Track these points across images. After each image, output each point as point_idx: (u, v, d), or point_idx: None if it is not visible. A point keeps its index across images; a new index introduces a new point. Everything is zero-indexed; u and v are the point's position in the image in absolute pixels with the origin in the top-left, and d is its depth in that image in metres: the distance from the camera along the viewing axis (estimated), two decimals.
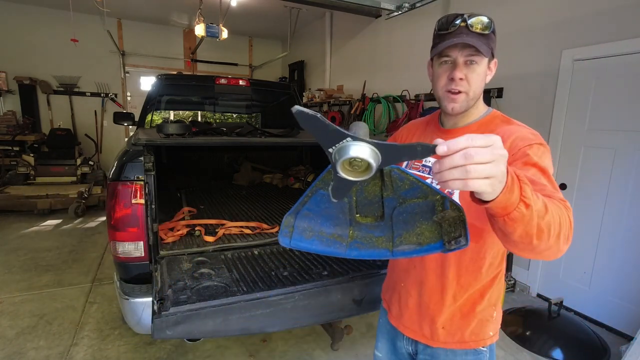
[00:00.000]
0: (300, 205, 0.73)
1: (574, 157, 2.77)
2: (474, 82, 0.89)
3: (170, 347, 2.24)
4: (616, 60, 2.49)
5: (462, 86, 0.89)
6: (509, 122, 0.94)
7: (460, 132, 0.91)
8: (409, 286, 1.03)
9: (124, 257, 1.59)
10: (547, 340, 2.35)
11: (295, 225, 0.76)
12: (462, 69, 0.88)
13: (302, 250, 0.83)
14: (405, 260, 1.03)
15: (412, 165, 1.03)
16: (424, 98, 3.91)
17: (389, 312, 1.11)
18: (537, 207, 0.61)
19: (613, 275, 2.57)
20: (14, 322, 2.45)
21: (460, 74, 0.88)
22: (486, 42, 0.87)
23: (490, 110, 0.98)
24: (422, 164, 1.00)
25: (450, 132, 0.97)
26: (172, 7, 6.00)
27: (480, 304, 0.98)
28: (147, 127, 3.56)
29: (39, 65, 6.19)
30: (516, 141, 0.84)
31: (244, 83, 3.74)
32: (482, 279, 0.96)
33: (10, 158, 5.61)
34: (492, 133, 0.74)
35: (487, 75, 0.92)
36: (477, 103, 0.95)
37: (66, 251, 3.68)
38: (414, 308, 1.02)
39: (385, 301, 1.15)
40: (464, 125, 0.96)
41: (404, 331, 1.05)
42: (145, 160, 1.55)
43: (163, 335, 1.22)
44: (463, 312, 0.97)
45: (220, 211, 2.59)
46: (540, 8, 2.95)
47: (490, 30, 0.87)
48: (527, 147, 0.83)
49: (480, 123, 0.95)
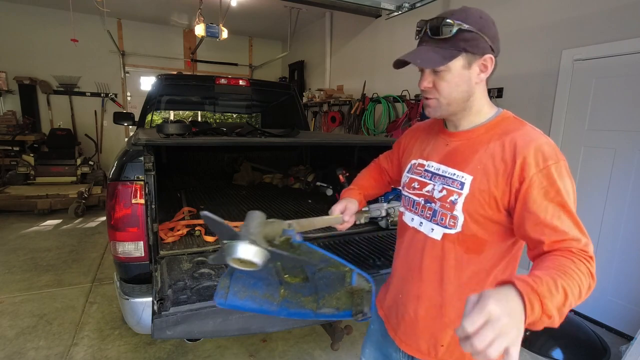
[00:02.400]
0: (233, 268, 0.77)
1: (574, 157, 2.77)
2: (443, 89, 0.86)
3: (170, 347, 2.24)
4: (616, 60, 2.49)
5: (431, 94, 0.88)
6: (521, 124, 0.87)
7: (466, 135, 0.91)
8: (406, 298, 0.98)
9: (124, 257, 1.59)
10: (547, 340, 2.35)
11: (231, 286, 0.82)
12: (428, 77, 0.87)
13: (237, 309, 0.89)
14: (405, 268, 0.99)
15: (415, 171, 0.99)
16: None
17: (387, 321, 1.06)
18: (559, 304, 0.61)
19: (613, 275, 2.57)
20: (14, 322, 2.45)
21: (425, 83, 0.88)
22: (450, 46, 0.83)
23: (500, 112, 0.92)
24: (425, 168, 0.96)
25: (454, 135, 0.94)
26: (172, 7, 6.00)
27: None
28: (147, 127, 3.56)
29: (39, 65, 6.19)
30: (537, 157, 0.76)
31: (244, 83, 3.75)
32: None
33: (10, 158, 5.62)
34: (502, 136, 0.84)
35: (479, 74, 0.86)
36: (472, 106, 0.89)
37: (66, 251, 3.68)
38: (410, 322, 0.97)
39: (382, 309, 1.10)
40: (469, 128, 0.91)
41: (400, 344, 1.00)
42: (145, 160, 1.55)
43: (163, 335, 1.22)
44: None
45: (220, 211, 2.59)
46: (540, 8, 2.95)
47: (453, 32, 0.82)
48: (547, 168, 0.75)
49: (488, 126, 0.89)
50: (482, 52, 0.84)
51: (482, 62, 0.85)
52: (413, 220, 0.97)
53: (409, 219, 0.99)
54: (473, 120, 0.91)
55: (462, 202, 0.84)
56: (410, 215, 0.98)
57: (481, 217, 0.84)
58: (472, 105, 0.89)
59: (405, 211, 1.02)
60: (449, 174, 0.89)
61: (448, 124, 0.97)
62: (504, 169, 0.80)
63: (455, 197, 0.86)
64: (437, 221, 0.89)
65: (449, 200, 0.87)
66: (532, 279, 0.60)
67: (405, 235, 1.01)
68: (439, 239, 0.89)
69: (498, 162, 0.81)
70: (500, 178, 0.80)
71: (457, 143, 0.92)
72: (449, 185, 0.88)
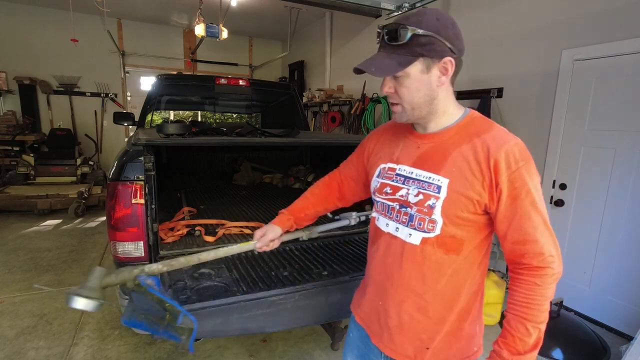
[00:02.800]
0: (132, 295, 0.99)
1: (574, 157, 2.77)
2: (404, 94, 0.86)
3: (170, 347, 2.24)
4: (616, 60, 2.49)
5: (394, 99, 0.89)
6: (490, 125, 0.88)
7: (437, 138, 0.91)
8: (388, 304, 0.96)
9: (124, 257, 1.59)
10: (547, 340, 2.33)
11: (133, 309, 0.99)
12: (388, 82, 0.87)
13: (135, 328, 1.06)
14: (383, 275, 0.98)
15: (385, 175, 0.97)
16: None
17: (368, 329, 1.04)
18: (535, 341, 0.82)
19: (613, 275, 2.57)
20: (14, 322, 2.45)
21: (385, 89, 0.88)
22: (407, 51, 0.82)
23: (467, 112, 0.93)
24: (396, 172, 0.95)
25: (424, 138, 0.93)
26: (172, 7, 6.00)
27: (467, 320, 0.93)
28: (147, 127, 3.56)
29: (39, 65, 6.19)
30: (509, 159, 0.80)
31: (244, 83, 3.74)
32: (466, 293, 0.91)
33: (10, 158, 5.61)
34: (474, 138, 0.86)
35: (439, 77, 0.85)
36: (438, 109, 0.89)
37: (66, 251, 3.68)
38: (394, 328, 0.96)
39: (359, 317, 1.08)
40: (438, 129, 0.91)
41: (385, 350, 0.99)
42: (145, 160, 1.55)
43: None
44: (448, 330, 0.92)
45: (220, 211, 2.59)
46: (540, 8, 2.95)
47: (408, 37, 0.81)
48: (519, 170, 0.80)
49: (459, 127, 0.90)
50: (440, 55, 0.83)
51: (442, 65, 0.84)
52: (388, 225, 0.96)
53: (384, 224, 0.97)
54: (441, 122, 0.91)
55: (441, 206, 0.84)
56: (385, 220, 0.97)
57: (459, 219, 0.85)
58: (437, 109, 0.89)
59: (379, 216, 1.00)
60: (424, 178, 0.89)
61: (416, 126, 0.96)
62: (479, 171, 0.82)
63: (433, 201, 0.85)
64: (414, 226, 0.89)
65: (426, 204, 0.86)
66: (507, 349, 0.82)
67: (379, 241, 0.99)
68: (418, 244, 0.89)
69: (473, 165, 0.83)
70: (476, 180, 0.82)
71: (428, 145, 0.92)
72: (425, 189, 0.87)
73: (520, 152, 0.81)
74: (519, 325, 0.81)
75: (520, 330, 0.80)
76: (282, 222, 1.20)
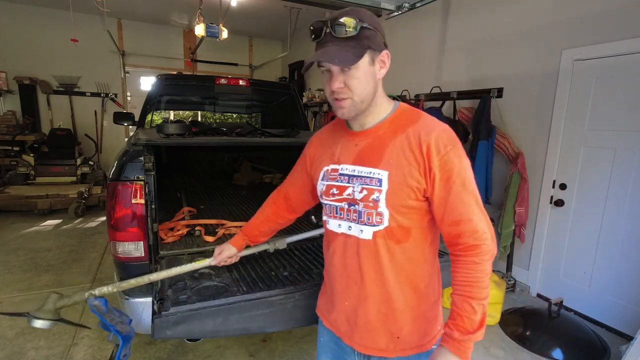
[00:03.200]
0: None
1: (574, 157, 2.77)
2: (355, 87, 0.87)
3: (170, 347, 2.24)
4: (616, 60, 2.49)
5: (344, 94, 0.88)
6: (418, 115, 0.93)
7: (372, 133, 0.94)
8: (354, 303, 0.98)
9: (124, 257, 1.59)
10: (547, 340, 2.35)
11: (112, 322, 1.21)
12: (339, 77, 0.86)
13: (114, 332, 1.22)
14: (344, 276, 0.99)
15: (329, 177, 0.98)
16: (424, 98, 3.91)
17: (338, 331, 1.05)
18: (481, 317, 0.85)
19: (613, 275, 2.57)
20: (14, 322, 2.44)
21: (336, 84, 0.87)
22: (356, 44, 0.84)
23: (398, 105, 0.96)
24: (339, 172, 0.96)
25: (361, 135, 0.95)
26: (172, 7, 6.00)
27: (429, 302, 0.97)
28: (147, 127, 3.56)
29: (39, 65, 6.19)
30: (438, 144, 0.85)
31: (244, 83, 3.74)
32: (424, 277, 0.96)
33: (10, 158, 5.61)
34: (406, 128, 0.90)
35: (380, 69, 0.89)
36: (377, 102, 0.92)
37: (66, 251, 3.68)
38: (364, 325, 0.97)
39: (327, 321, 1.09)
40: (373, 125, 0.94)
41: (358, 348, 1.00)
42: (145, 160, 1.55)
43: (163, 335, 1.22)
44: (414, 316, 0.96)
45: (220, 211, 2.59)
46: (540, 8, 2.95)
47: (357, 30, 0.83)
48: (447, 153, 0.85)
49: (390, 120, 0.93)
50: (380, 48, 0.88)
51: (381, 58, 0.89)
52: (340, 226, 0.97)
53: (336, 225, 0.99)
54: (376, 117, 0.94)
55: (384, 198, 0.87)
56: (336, 222, 0.98)
57: (404, 207, 0.88)
58: (377, 101, 0.93)
59: (330, 219, 1.01)
60: (365, 173, 0.91)
61: (353, 124, 0.98)
62: (414, 159, 0.86)
63: (376, 195, 0.88)
64: (364, 222, 0.91)
65: (371, 199, 0.89)
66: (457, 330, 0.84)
67: (335, 242, 1.00)
68: (371, 238, 0.92)
69: (408, 154, 0.87)
70: (412, 169, 0.86)
71: (365, 142, 0.94)
72: (367, 184, 0.90)
73: (448, 137, 0.86)
74: (465, 305, 0.84)
75: (467, 309, 0.84)
76: (237, 242, 1.34)
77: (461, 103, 3.59)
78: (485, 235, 0.85)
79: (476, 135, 3.15)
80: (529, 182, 2.95)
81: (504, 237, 3.01)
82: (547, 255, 3.01)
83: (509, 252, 3.13)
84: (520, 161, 2.95)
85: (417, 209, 0.89)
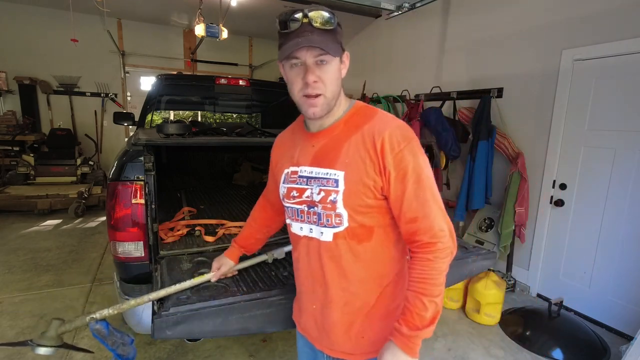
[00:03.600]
0: None
1: (574, 157, 2.77)
2: (329, 82, 0.85)
3: (170, 347, 2.24)
4: (616, 60, 2.49)
5: (319, 89, 0.85)
6: (373, 112, 0.91)
7: (328, 133, 0.92)
8: (321, 306, 0.97)
9: (124, 257, 1.59)
10: (547, 340, 2.35)
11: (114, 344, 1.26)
12: (315, 70, 0.83)
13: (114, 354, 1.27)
14: (310, 279, 0.98)
15: (289, 179, 0.97)
16: (424, 98, 3.91)
17: (309, 336, 1.05)
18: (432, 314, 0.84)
19: (613, 275, 2.57)
20: (14, 322, 2.45)
21: (313, 77, 0.83)
22: (333, 38, 0.83)
23: (353, 103, 0.95)
24: (298, 175, 0.95)
25: (318, 135, 0.94)
26: (172, 7, 6.00)
27: (395, 300, 0.96)
28: (147, 127, 3.56)
29: (39, 65, 6.18)
30: (392, 141, 0.83)
31: (244, 83, 3.74)
32: (388, 275, 0.94)
33: (10, 158, 5.61)
34: (360, 127, 0.88)
35: (343, 68, 0.90)
36: (339, 99, 0.91)
37: (66, 251, 3.68)
38: (331, 328, 0.97)
39: (299, 325, 1.09)
40: (329, 125, 0.93)
41: (328, 352, 1.00)
42: (145, 160, 1.55)
43: (163, 335, 1.22)
44: (380, 315, 0.94)
45: (220, 211, 2.59)
46: (540, 8, 2.95)
47: (335, 24, 0.83)
48: (401, 151, 0.83)
49: (346, 119, 0.92)
50: (343, 47, 0.89)
51: (344, 57, 0.89)
52: (302, 229, 0.96)
53: (298, 228, 0.98)
54: (333, 116, 0.93)
55: (342, 199, 0.86)
56: (298, 224, 0.97)
57: (362, 207, 0.87)
58: (339, 100, 0.92)
59: (292, 222, 1.00)
60: (322, 174, 0.89)
61: (311, 125, 0.96)
62: (369, 158, 0.84)
63: (334, 196, 0.87)
64: (324, 224, 0.90)
65: (328, 200, 0.88)
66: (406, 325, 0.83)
67: (299, 246, 1.00)
68: (331, 240, 0.90)
69: (363, 153, 0.85)
70: (368, 167, 0.84)
71: (322, 143, 0.93)
72: (324, 185, 0.88)
73: (402, 134, 0.84)
74: (416, 301, 0.83)
75: (418, 306, 0.83)
76: (233, 254, 1.36)
77: (461, 103, 3.59)
78: (441, 233, 0.83)
79: (476, 135, 3.16)
80: (529, 182, 2.96)
81: (504, 237, 3.01)
82: (547, 255, 3.01)
83: (509, 252, 3.13)
84: (520, 161, 2.95)
85: (377, 207, 0.88)
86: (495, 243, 3.16)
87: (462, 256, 1.88)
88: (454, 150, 3.43)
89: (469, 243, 2.10)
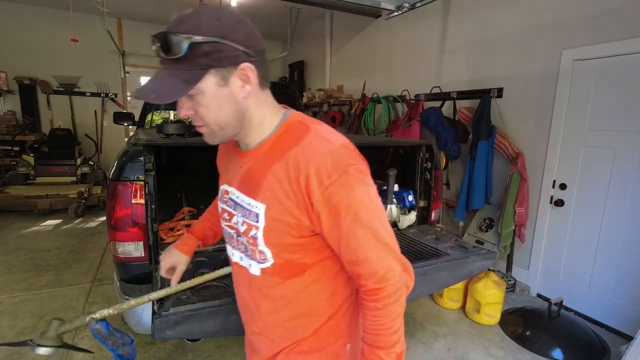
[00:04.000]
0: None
1: (574, 157, 2.77)
2: (205, 115, 0.71)
3: (170, 347, 2.24)
4: (616, 60, 2.49)
5: (197, 121, 0.73)
6: (303, 133, 0.73)
7: (254, 155, 0.78)
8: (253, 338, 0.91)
9: (124, 257, 1.59)
10: (547, 340, 2.35)
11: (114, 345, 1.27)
12: (185, 104, 0.71)
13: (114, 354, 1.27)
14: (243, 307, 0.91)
15: (223, 199, 0.87)
16: (424, 98, 3.91)
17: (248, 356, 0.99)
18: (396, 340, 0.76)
19: (613, 275, 2.57)
20: (14, 322, 2.45)
21: (183, 112, 0.72)
22: (190, 65, 0.66)
23: (285, 117, 0.78)
24: (229, 196, 0.84)
25: (246, 156, 0.79)
26: (172, 7, 5.98)
27: (330, 336, 0.85)
28: (147, 127, 3.56)
29: (39, 65, 6.19)
30: (319, 174, 0.67)
31: None
32: (327, 311, 0.83)
33: (10, 158, 5.61)
34: (285, 152, 0.72)
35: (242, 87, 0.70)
36: (251, 122, 0.75)
37: (66, 251, 3.68)
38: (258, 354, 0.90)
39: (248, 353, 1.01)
40: (255, 145, 0.78)
41: None
42: (145, 160, 1.55)
43: (163, 335, 1.22)
44: (312, 348, 0.84)
45: None
46: (540, 8, 2.95)
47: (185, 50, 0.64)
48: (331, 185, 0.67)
49: (274, 139, 0.76)
50: (234, 62, 0.68)
51: (241, 72, 0.69)
52: (234, 255, 0.87)
53: (231, 253, 0.89)
54: (258, 136, 0.77)
55: (262, 236, 0.75)
56: (231, 249, 0.88)
57: (287, 246, 0.75)
58: (252, 121, 0.75)
59: (227, 244, 0.90)
60: (246, 204, 0.77)
61: (240, 141, 0.81)
62: (292, 192, 0.70)
63: (254, 232, 0.76)
64: (250, 256, 0.80)
65: (250, 235, 0.77)
66: None
67: (234, 270, 0.91)
68: (259, 274, 0.80)
69: (286, 185, 0.70)
70: (291, 203, 0.71)
71: (248, 165, 0.79)
72: (247, 217, 0.77)
73: (334, 163, 0.67)
74: (372, 356, 0.75)
75: None
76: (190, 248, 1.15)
77: (461, 103, 3.59)
78: (389, 274, 0.72)
79: (476, 135, 3.16)
80: (529, 182, 2.96)
81: (504, 237, 3.01)
82: (547, 255, 3.01)
83: (509, 252, 3.13)
84: (520, 161, 2.95)
85: (307, 244, 0.75)
86: (495, 243, 3.16)
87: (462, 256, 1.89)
88: (454, 150, 3.43)
89: (469, 243, 2.10)
